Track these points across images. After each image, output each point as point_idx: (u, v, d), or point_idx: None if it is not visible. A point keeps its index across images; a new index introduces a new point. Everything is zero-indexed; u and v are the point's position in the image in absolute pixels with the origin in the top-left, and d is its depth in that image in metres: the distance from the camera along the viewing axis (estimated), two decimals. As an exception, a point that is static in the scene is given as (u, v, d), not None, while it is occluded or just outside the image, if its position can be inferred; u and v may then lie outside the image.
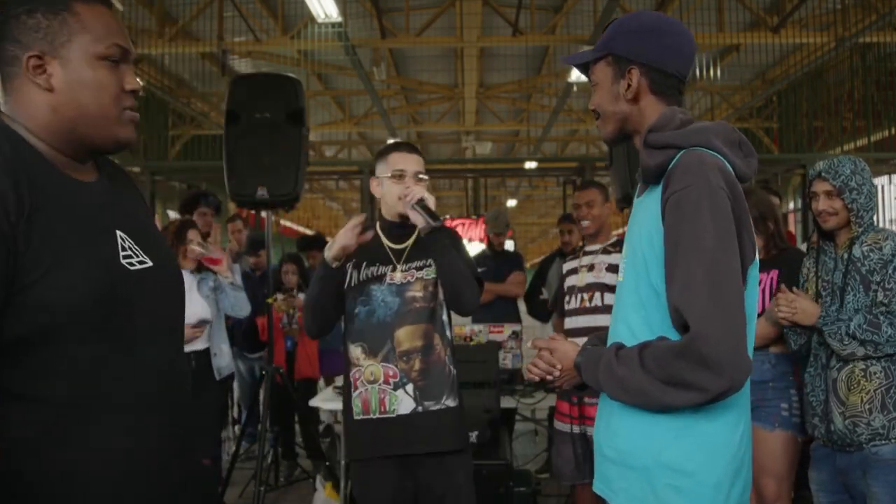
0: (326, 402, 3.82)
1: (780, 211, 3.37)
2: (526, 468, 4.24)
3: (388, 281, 2.29)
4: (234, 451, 4.02)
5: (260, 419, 4.20)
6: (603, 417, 1.48)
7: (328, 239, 6.26)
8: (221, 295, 3.56)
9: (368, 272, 2.31)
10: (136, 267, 1.18)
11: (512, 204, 20.17)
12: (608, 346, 1.43)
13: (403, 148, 2.38)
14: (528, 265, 6.64)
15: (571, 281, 3.21)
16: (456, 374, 2.33)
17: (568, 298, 3.19)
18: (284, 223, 13.38)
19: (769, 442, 2.56)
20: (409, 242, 2.34)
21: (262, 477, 3.57)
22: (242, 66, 9.83)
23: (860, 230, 2.26)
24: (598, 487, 1.48)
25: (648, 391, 1.29)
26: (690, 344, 1.24)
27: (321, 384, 5.42)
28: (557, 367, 1.50)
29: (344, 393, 2.34)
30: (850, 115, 10.07)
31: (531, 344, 1.57)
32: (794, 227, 9.69)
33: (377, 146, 14.41)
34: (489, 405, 3.29)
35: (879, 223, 2.41)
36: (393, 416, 2.23)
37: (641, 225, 1.41)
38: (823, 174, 2.28)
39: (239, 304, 3.63)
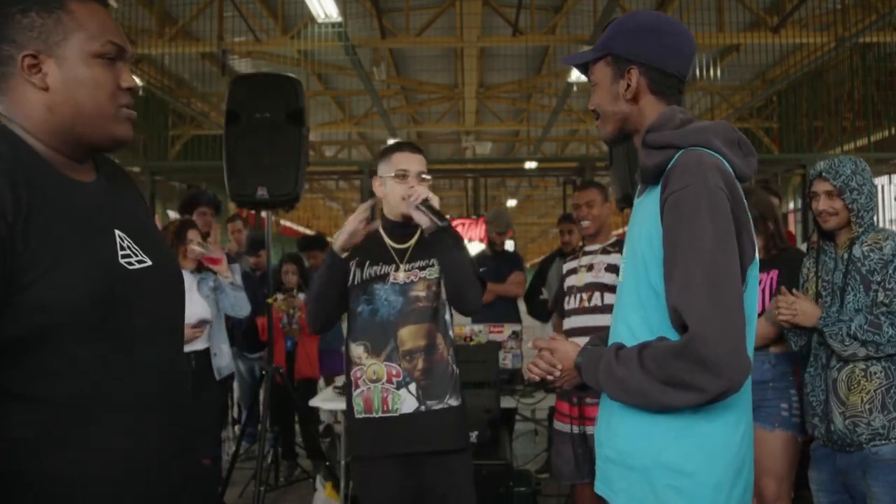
0: (326, 402, 3.82)
1: (779, 211, 3.37)
2: (526, 468, 4.24)
3: (391, 280, 2.29)
4: (234, 451, 4.02)
5: (260, 419, 4.19)
6: (603, 418, 1.48)
7: (329, 239, 6.27)
8: (221, 295, 3.56)
9: (371, 271, 2.31)
10: (134, 267, 1.17)
11: (512, 204, 20.16)
12: (608, 346, 1.43)
13: (406, 148, 2.37)
14: (528, 265, 6.64)
15: (571, 281, 3.21)
16: (458, 373, 2.34)
17: (567, 298, 3.19)
18: (284, 223, 13.38)
19: (769, 442, 2.56)
20: (411, 242, 2.34)
21: (262, 477, 3.57)
22: (242, 66, 9.83)
23: (860, 230, 2.25)
24: (599, 488, 1.48)
25: (648, 392, 1.29)
26: (689, 344, 1.23)
27: (321, 384, 5.42)
28: (558, 367, 1.50)
29: (346, 392, 2.35)
30: (850, 115, 10.07)
31: (532, 344, 1.57)
32: (794, 227, 9.69)
33: (377, 146, 14.44)
34: (489, 405, 3.29)
35: (879, 223, 2.41)
36: (396, 415, 2.23)
37: (641, 225, 1.40)
38: (824, 174, 2.28)
39: (239, 304, 3.64)
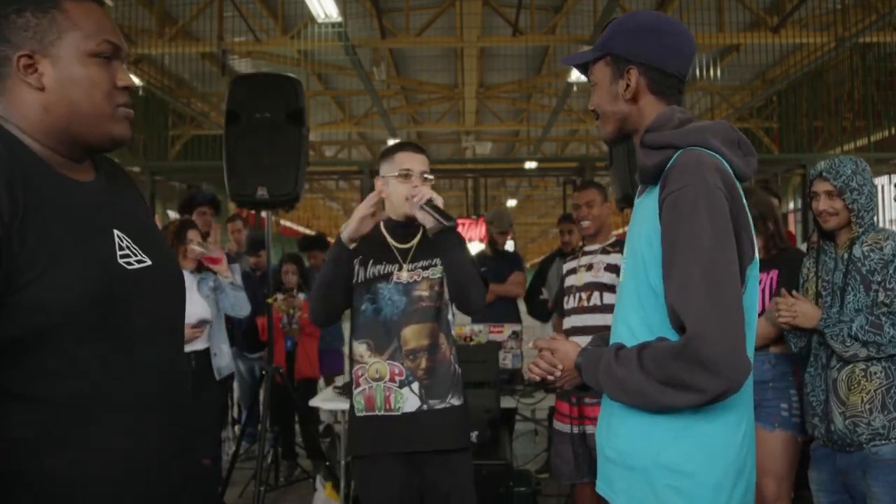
0: (326, 402, 3.82)
1: (779, 211, 3.37)
2: (526, 468, 4.24)
3: (394, 280, 2.29)
4: (234, 451, 4.01)
5: (260, 419, 4.19)
6: (604, 418, 1.48)
7: (329, 239, 6.26)
8: (221, 295, 3.56)
9: (375, 270, 2.31)
10: (134, 266, 1.17)
11: (512, 204, 20.15)
12: (609, 346, 1.42)
13: (409, 147, 2.37)
14: (528, 265, 6.64)
15: (570, 280, 3.22)
16: (461, 372, 2.34)
17: (566, 298, 3.20)
18: (284, 223, 13.39)
19: (769, 442, 2.56)
20: (413, 242, 2.35)
21: (262, 477, 3.57)
22: (242, 66, 9.83)
23: (861, 230, 2.25)
24: (600, 488, 1.47)
25: (647, 392, 1.29)
26: (688, 345, 1.23)
27: (321, 384, 5.42)
28: (559, 367, 1.50)
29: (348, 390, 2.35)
30: (850, 115, 10.06)
31: (532, 344, 1.57)
32: (794, 227, 9.69)
33: (377, 146, 14.45)
34: (489, 405, 3.29)
35: (879, 223, 2.41)
36: (398, 413, 2.24)
37: (641, 225, 1.40)
38: (824, 174, 2.28)
39: (239, 303, 3.64)
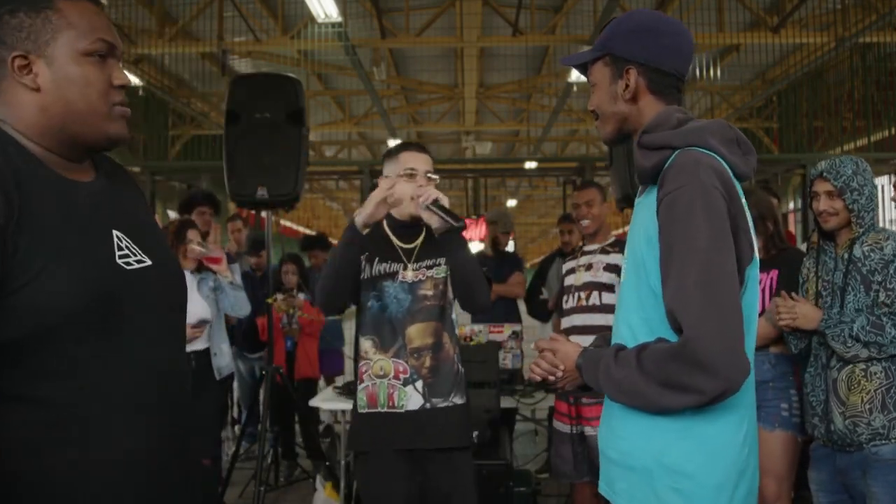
0: (326, 402, 3.82)
1: (779, 211, 3.37)
2: (526, 468, 4.24)
3: (399, 278, 2.31)
4: (234, 451, 4.01)
5: (260, 419, 4.19)
6: (606, 419, 1.48)
7: (331, 239, 6.25)
8: (221, 295, 3.56)
9: (381, 268, 2.32)
10: (133, 267, 1.17)
11: (512, 204, 20.15)
12: (609, 347, 1.42)
13: (413, 147, 2.38)
14: (528, 265, 6.64)
15: (569, 280, 3.23)
16: (464, 372, 2.36)
17: (566, 297, 3.20)
18: (284, 223, 13.37)
19: (769, 442, 2.56)
20: (417, 242, 2.35)
21: (262, 477, 3.56)
22: (242, 66, 9.83)
23: (861, 230, 2.25)
24: (602, 488, 1.47)
25: (646, 394, 1.28)
26: (685, 346, 1.23)
27: (321, 384, 5.42)
28: (560, 367, 1.49)
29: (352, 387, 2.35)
30: (850, 115, 10.06)
31: (534, 346, 1.57)
32: (794, 227, 9.68)
33: (377, 146, 14.45)
34: (489, 405, 3.29)
35: (879, 223, 2.41)
36: (401, 411, 2.25)
37: (640, 225, 1.40)
38: (825, 174, 2.28)
39: (239, 303, 3.64)
